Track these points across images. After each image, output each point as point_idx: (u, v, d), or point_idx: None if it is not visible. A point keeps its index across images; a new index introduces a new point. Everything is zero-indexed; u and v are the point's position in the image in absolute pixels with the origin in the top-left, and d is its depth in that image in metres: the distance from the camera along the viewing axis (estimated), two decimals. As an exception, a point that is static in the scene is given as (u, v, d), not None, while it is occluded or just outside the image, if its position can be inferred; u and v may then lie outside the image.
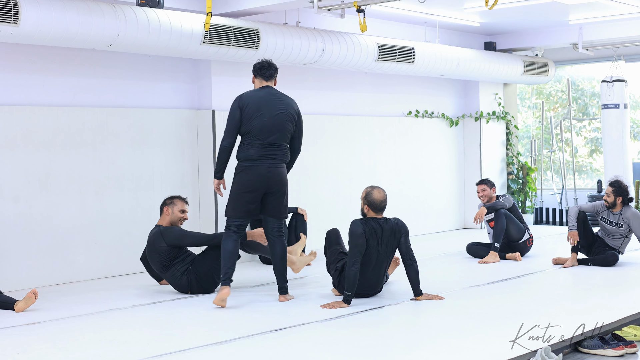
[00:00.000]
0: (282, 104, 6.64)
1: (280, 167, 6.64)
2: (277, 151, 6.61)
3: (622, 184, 8.24)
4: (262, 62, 6.72)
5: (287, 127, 6.62)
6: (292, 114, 6.66)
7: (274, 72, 6.74)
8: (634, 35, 11.35)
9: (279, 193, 6.65)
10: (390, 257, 6.62)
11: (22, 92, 7.74)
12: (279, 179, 6.62)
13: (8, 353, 5.14)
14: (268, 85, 6.71)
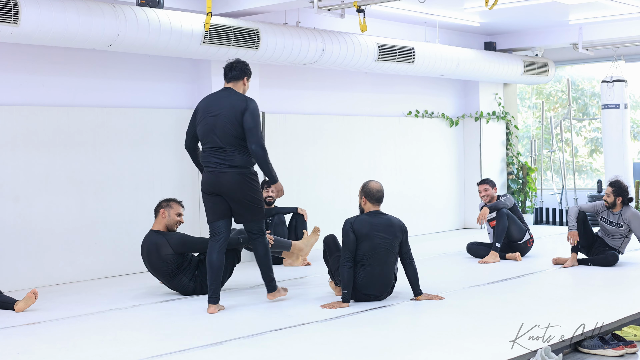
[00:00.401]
0: (224, 105, 6.27)
1: (231, 173, 6.25)
2: (224, 155, 6.25)
3: (621, 184, 8.24)
4: (227, 64, 6.44)
5: (228, 130, 6.21)
6: (234, 115, 6.21)
7: (239, 74, 6.40)
8: (634, 35, 11.35)
9: (238, 201, 6.30)
10: (393, 254, 6.49)
11: (22, 92, 7.74)
12: (230, 186, 6.25)
13: (8, 353, 5.14)
14: (227, 87, 6.41)
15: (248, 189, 6.31)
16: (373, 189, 6.54)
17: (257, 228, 6.53)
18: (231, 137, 6.23)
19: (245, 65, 6.45)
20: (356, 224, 6.41)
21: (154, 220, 7.12)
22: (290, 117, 9.94)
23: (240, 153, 6.27)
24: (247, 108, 6.25)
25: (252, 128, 6.21)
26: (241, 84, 6.44)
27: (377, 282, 6.47)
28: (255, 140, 6.21)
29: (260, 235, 6.54)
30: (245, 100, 6.30)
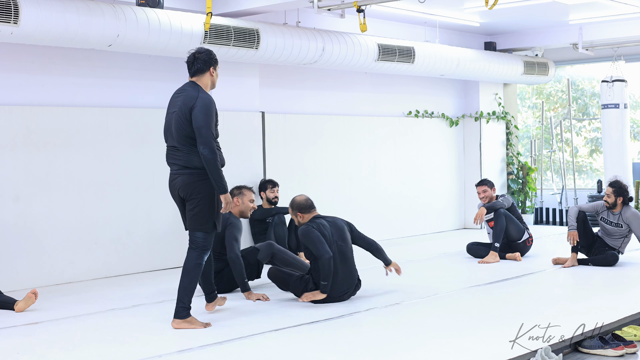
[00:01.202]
0: (179, 101, 5.72)
1: (183, 175, 5.72)
2: (177, 156, 5.75)
3: (622, 184, 8.24)
4: (188, 57, 5.84)
5: (180, 128, 5.66)
6: (185, 112, 5.64)
7: (203, 66, 5.77)
8: (634, 35, 11.35)
9: (189, 202, 5.73)
10: (349, 247, 6.66)
11: (22, 92, 7.74)
12: (184, 188, 5.72)
13: (8, 353, 5.14)
14: (189, 82, 5.83)
15: (197, 192, 5.68)
16: (302, 202, 6.71)
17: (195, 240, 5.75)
18: (183, 136, 5.67)
19: (209, 55, 5.80)
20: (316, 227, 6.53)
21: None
22: (290, 117, 9.94)
23: (195, 153, 5.67)
24: (195, 105, 5.61)
25: (200, 127, 5.57)
26: (207, 75, 5.80)
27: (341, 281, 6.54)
28: (203, 141, 5.57)
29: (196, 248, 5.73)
30: (197, 95, 5.66)
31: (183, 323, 5.69)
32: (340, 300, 6.58)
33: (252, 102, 9.33)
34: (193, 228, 5.75)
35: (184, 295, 5.71)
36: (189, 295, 5.72)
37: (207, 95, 5.72)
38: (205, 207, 5.70)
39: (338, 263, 6.52)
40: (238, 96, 9.17)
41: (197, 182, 5.68)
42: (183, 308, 5.70)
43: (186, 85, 5.82)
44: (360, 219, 10.71)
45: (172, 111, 5.77)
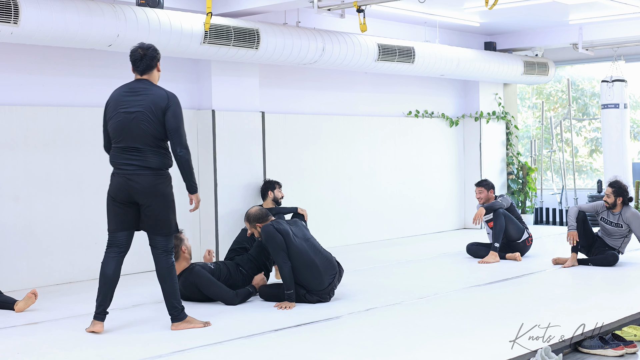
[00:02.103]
0: (140, 100, 5.54)
1: (144, 175, 5.54)
2: (137, 156, 5.55)
3: (621, 185, 8.24)
4: (134, 53, 5.65)
5: (144, 128, 5.50)
6: (151, 112, 5.51)
7: (151, 62, 5.64)
8: (634, 35, 11.35)
9: (150, 206, 5.59)
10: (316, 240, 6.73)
11: (22, 92, 7.74)
12: (143, 190, 5.55)
13: (8, 353, 5.14)
14: (140, 79, 5.66)
15: (160, 194, 5.57)
16: (257, 213, 6.73)
17: (161, 242, 5.68)
18: (149, 136, 5.52)
19: (154, 50, 5.67)
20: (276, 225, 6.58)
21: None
22: (290, 117, 9.94)
23: (157, 154, 5.57)
24: (168, 106, 5.52)
25: (175, 129, 5.52)
26: (155, 72, 5.69)
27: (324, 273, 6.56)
28: (179, 142, 5.52)
29: (163, 252, 5.68)
30: (167, 96, 5.56)
31: (182, 324, 5.68)
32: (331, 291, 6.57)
33: (252, 102, 9.33)
34: (157, 232, 5.64)
35: (171, 299, 5.67)
36: (176, 297, 5.68)
37: (174, 94, 5.65)
38: (168, 209, 5.63)
39: (313, 255, 6.54)
40: (238, 96, 9.17)
41: (158, 184, 5.57)
42: (176, 310, 5.68)
43: (141, 83, 5.63)
44: (360, 219, 10.73)
45: (130, 110, 5.53)
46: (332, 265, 6.66)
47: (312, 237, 6.76)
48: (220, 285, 6.60)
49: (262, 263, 7.00)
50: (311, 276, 6.50)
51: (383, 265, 8.66)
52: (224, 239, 8.89)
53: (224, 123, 8.96)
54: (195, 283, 6.59)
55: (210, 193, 8.92)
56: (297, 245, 6.52)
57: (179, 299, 5.73)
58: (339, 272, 6.71)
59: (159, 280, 5.69)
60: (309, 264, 6.50)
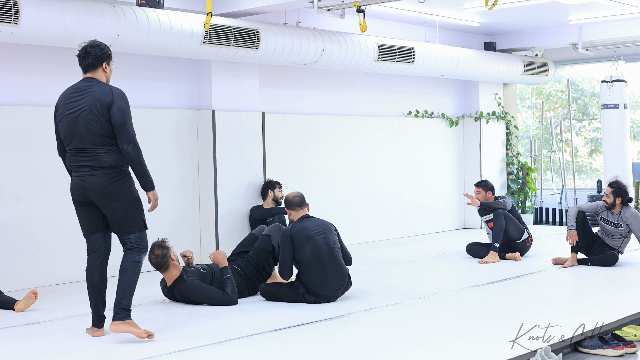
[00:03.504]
0: (84, 99, 5.35)
1: (97, 175, 5.35)
2: (88, 157, 5.36)
3: (621, 185, 8.24)
4: (80, 50, 5.52)
5: (92, 127, 5.31)
6: (96, 109, 5.31)
7: (95, 60, 5.47)
8: (634, 35, 11.35)
9: (107, 206, 5.40)
10: (337, 249, 6.65)
11: (22, 92, 7.74)
12: (97, 189, 5.36)
13: (8, 353, 5.14)
14: (87, 78, 5.49)
15: (117, 193, 5.37)
16: (289, 197, 6.78)
17: (130, 241, 5.45)
18: (97, 135, 5.33)
19: (102, 49, 5.48)
20: (294, 232, 6.58)
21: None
22: (290, 117, 9.94)
23: (109, 152, 5.37)
24: (113, 102, 5.32)
25: (121, 125, 5.34)
26: (100, 71, 5.48)
27: (331, 281, 6.56)
28: (126, 138, 5.35)
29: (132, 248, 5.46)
30: (111, 92, 5.36)
31: (122, 325, 5.35)
32: (331, 299, 6.58)
33: (252, 102, 9.33)
34: (124, 232, 5.44)
35: (122, 296, 5.41)
36: (128, 296, 5.43)
37: (121, 90, 5.44)
38: (130, 207, 5.41)
39: (326, 260, 6.53)
40: (238, 96, 9.17)
41: (113, 183, 5.36)
42: (122, 309, 5.39)
43: (85, 81, 5.46)
44: (360, 219, 10.73)
45: (75, 110, 5.36)
46: (342, 277, 6.65)
47: (334, 244, 6.65)
48: (212, 293, 6.53)
49: (261, 265, 7.00)
50: (317, 279, 6.52)
51: (383, 265, 8.66)
52: (224, 239, 8.89)
53: (224, 123, 8.96)
54: (187, 295, 6.56)
55: (210, 193, 8.92)
56: (316, 245, 6.51)
57: (130, 301, 5.46)
58: (346, 285, 6.70)
59: (119, 274, 5.47)
60: (320, 267, 6.51)
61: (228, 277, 6.63)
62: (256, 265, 6.98)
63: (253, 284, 6.96)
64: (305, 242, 6.52)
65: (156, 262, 6.52)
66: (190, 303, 6.57)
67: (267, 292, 6.78)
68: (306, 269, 6.53)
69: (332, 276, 6.56)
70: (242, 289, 6.83)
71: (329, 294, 6.56)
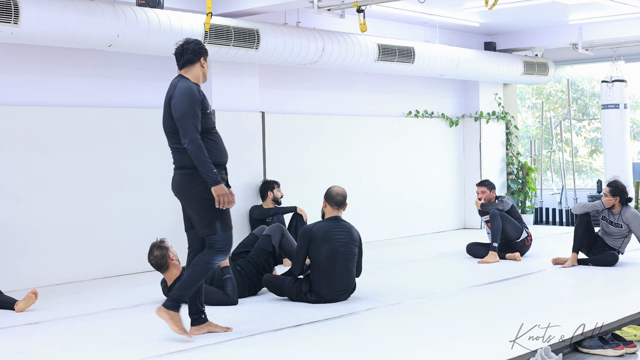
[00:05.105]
0: (169, 96, 5.30)
1: (178, 175, 5.36)
2: (174, 156, 5.41)
3: (619, 184, 8.24)
4: (177, 49, 5.40)
5: (165, 126, 5.34)
6: (167, 106, 5.28)
7: (192, 56, 5.34)
8: (634, 35, 11.35)
9: (187, 206, 5.39)
10: (353, 261, 6.62)
11: (22, 92, 7.74)
12: (177, 190, 5.38)
13: (8, 353, 5.14)
14: (177, 75, 5.42)
15: (190, 194, 5.30)
16: (333, 192, 6.74)
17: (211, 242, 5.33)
18: (169, 134, 5.31)
19: (198, 44, 5.36)
20: (315, 230, 6.56)
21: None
22: (289, 117, 9.94)
23: (181, 151, 5.30)
24: (173, 95, 5.20)
25: (177, 119, 5.16)
26: (197, 67, 5.37)
27: (336, 287, 6.56)
28: (182, 133, 5.15)
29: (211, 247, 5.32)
30: (176, 84, 5.26)
31: (165, 313, 5.26)
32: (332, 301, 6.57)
33: (252, 102, 9.33)
34: (202, 233, 5.35)
35: (180, 289, 5.29)
36: (186, 292, 5.30)
37: (188, 82, 5.28)
38: (202, 208, 5.27)
39: (337, 267, 6.53)
40: (238, 96, 9.18)
41: (189, 184, 5.27)
42: (174, 301, 5.28)
43: (174, 79, 5.39)
44: (360, 219, 10.71)
45: (165, 109, 5.35)
46: (348, 284, 6.64)
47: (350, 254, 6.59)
48: (212, 293, 6.51)
49: (262, 265, 7.00)
50: (323, 281, 6.52)
51: (383, 265, 8.66)
52: (224, 239, 8.88)
53: (224, 123, 8.96)
54: None
55: (210, 193, 8.91)
56: (333, 250, 6.50)
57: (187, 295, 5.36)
58: (349, 292, 6.69)
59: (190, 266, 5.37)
60: (329, 271, 6.51)
61: (228, 277, 6.63)
62: (257, 265, 6.98)
63: (253, 284, 6.96)
64: (323, 242, 6.50)
65: (156, 263, 6.52)
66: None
67: (270, 284, 6.81)
68: (316, 268, 6.53)
69: (339, 282, 6.57)
70: (242, 289, 6.83)
71: (331, 297, 6.56)
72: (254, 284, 6.96)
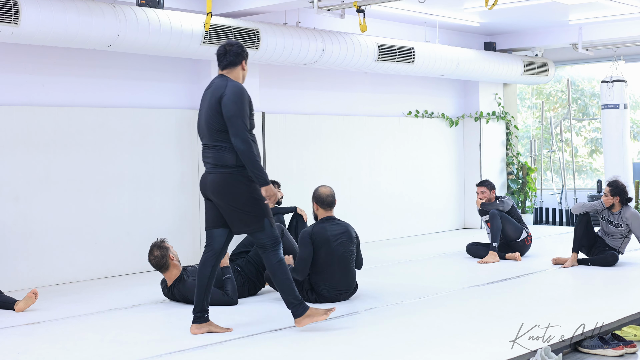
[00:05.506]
0: (210, 94, 5.41)
1: (216, 174, 5.37)
2: (209, 154, 5.43)
3: (619, 184, 8.24)
4: (219, 49, 5.54)
5: (210, 123, 5.37)
6: (213, 104, 5.34)
7: (235, 59, 5.47)
8: (634, 35, 11.35)
9: (225, 208, 5.41)
10: (352, 260, 6.64)
11: (22, 92, 7.74)
12: (214, 189, 5.39)
13: (8, 353, 5.14)
14: (218, 75, 5.53)
15: (231, 193, 5.35)
16: (323, 194, 6.63)
17: (261, 239, 5.45)
18: (214, 131, 5.36)
19: (241, 47, 5.52)
20: (314, 234, 6.52)
21: None
22: (289, 117, 9.94)
23: (225, 150, 5.35)
24: (223, 94, 5.30)
25: (230, 117, 5.26)
26: (239, 69, 5.52)
27: (337, 287, 6.57)
28: (234, 132, 5.25)
29: (264, 248, 5.46)
30: (226, 84, 5.37)
31: (305, 319, 5.48)
32: (334, 300, 6.58)
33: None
34: (248, 230, 5.43)
35: (287, 296, 5.48)
36: (291, 293, 5.47)
37: (237, 83, 5.42)
38: (246, 207, 5.37)
39: (337, 267, 6.53)
40: (238, 96, 9.15)
41: (231, 183, 5.33)
42: (295, 307, 5.50)
43: (216, 78, 5.51)
44: (359, 219, 10.72)
45: (202, 107, 5.48)
46: (349, 283, 6.65)
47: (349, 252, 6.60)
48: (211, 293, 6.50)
49: (262, 265, 6.99)
50: (324, 282, 6.53)
51: (383, 265, 8.66)
52: (224, 239, 8.88)
53: (224, 123, 8.95)
54: (187, 295, 6.54)
55: (210, 193, 8.91)
56: (332, 252, 6.49)
57: (295, 294, 5.48)
58: (350, 291, 6.70)
59: (272, 278, 5.54)
60: (329, 272, 6.51)
61: (228, 277, 6.63)
62: (257, 265, 6.98)
63: (253, 284, 6.96)
64: (322, 245, 6.49)
65: (156, 263, 6.52)
66: (191, 303, 6.56)
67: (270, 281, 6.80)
68: (315, 270, 6.54)
69: (339, 282, 6.58)
70: (242, 289, 6.83)
71: (332, 296, 6.57)
72: (254, 284, 6.96)
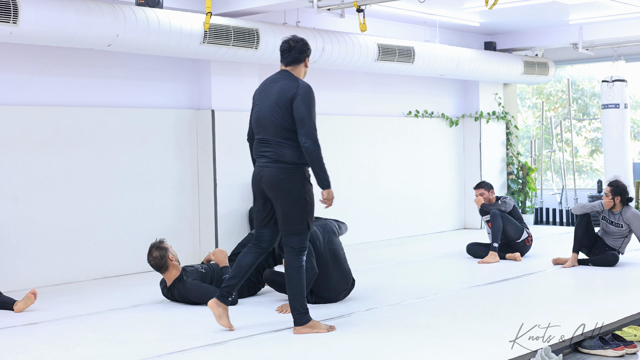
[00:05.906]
0: (274, 89, 5.45)
1: (274, 168, 5.40)
2: (268, 148, 5.43)
3: (620, 184, 8.24)
4: (284, 44, 5.54)
5: (275, 119, 5.40)
6: (281, 101, 5.36)
7: (299, 55, 5.50)
8: (634, 35, 11.35)
9: (277, 200, 5.41)
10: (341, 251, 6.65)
11: (22, 92, 7.73)
12: (270, 183, 5.40)
13: (8, 353, 5.14)
14: (283, 70, 5.55)
15: (287, 188, 5.38)
16: None
17: (293, 242, 5.44)
18: (280, 128, 5.38)
19: (305, 44, 5.54)
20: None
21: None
22: (290, 117, 9.92)
23: (289, 147, 5.40)
24: (296, 94, 5.34)
25: (302, 118, 5.34)
26: (302, 66, 5.56)
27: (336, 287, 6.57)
28: (305, 132, 5.34)
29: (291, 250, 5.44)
30: (297, 84, 5.39)
31: (304, 329, 5.45)
32: (334, 301, 6.57)
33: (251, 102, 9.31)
34: (286, 231, 5.43)
35: (294, 301, 5.46)
36: (300, 300, 5.45)
37: (307, 84, 5.46)
38: (296, 206, 5.39)
39: (330, 265, 6.53)
40: (238, 96, 9.16)
41: (286, 178, 5.38)
42: (300, 314, 5.46)
43: (279, 74, 5.51)
44: (359, 219, 10.72)
45: (265, 100, 5.45)
46: (346, 281, 6.65)
47: (337, 247, 6.64)
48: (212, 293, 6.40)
49: (261, 265, 6.98)
50: (322, 284, 6.51)
51: (383, 265, 8.66)
52: (223, 239, 8.89)
53: (223, 123, 8.96)
54: (186, 296, 6.54)
55: (209, 193, 8.91)
56: (319, 253, 6.49)
57: (304, 303, 5.49)
58: (349, 288, 6.70)
59: (286, 279, 5.50)
60: (324, 274, 6.49)
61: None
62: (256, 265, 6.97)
63: (253, 284, 6.95)
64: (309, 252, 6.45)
65: (155, 264, 6.52)
66: (190, 303, 6.57)
67: (271, 280, 6.80)
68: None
69: (336, 281, 6.57)
70: (242, 289, 6.82)
71: (332, 297, 6.57)
72: (254, 284, 6.95)
